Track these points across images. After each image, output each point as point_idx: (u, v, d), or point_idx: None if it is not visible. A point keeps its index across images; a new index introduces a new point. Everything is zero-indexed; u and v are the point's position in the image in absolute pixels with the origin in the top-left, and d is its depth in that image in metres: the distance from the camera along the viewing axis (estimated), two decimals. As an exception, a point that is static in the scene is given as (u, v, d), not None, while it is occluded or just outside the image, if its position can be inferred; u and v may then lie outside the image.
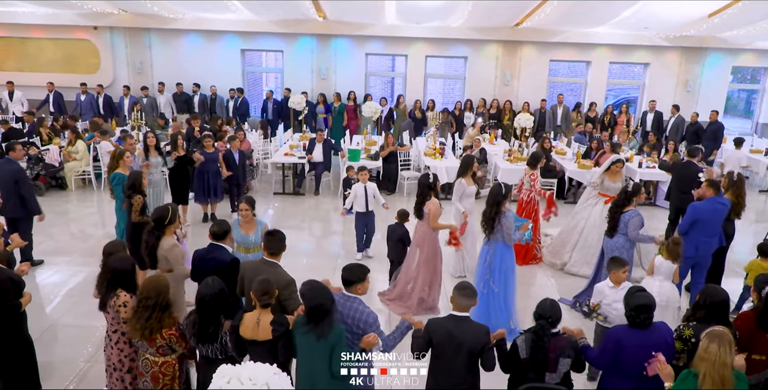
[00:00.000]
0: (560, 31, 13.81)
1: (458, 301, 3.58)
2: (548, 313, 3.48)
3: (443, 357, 3.52)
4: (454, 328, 3.50)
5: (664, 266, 5.05)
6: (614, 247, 5.85)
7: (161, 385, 3.72)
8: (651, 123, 13.27)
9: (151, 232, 4.64)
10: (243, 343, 3.49)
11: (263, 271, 3.89)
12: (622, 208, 5.86)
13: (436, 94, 15.63)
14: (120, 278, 3.81)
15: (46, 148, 10.23)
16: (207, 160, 8.32)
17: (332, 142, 10.89)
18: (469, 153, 10.50)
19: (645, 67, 14.98)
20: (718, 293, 3.74)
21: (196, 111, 13.64)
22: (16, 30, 14.19)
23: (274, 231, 4.23)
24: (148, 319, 3.53)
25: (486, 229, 5.60)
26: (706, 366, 2.96)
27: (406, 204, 9.00)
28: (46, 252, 7.42)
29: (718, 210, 5.93)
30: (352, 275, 3.63)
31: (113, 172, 6.53)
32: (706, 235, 5.86)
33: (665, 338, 3.55)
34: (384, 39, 14.27)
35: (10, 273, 4.07)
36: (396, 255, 6.41)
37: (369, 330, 3.48)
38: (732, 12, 10.87)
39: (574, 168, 10.20)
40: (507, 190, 5.55)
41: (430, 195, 6.02)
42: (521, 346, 3.50)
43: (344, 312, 3.55)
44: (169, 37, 14.32)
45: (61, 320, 5.67)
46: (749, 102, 18.06)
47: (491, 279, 5.62)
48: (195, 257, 4.51)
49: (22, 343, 4.21)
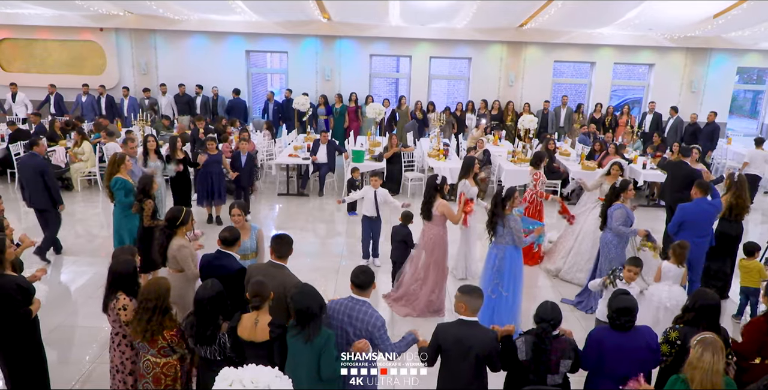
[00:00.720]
0: (565, 31, 13.79)
1: (468, 305, 3.55)
2: (549, 315, 3.49)
3: (451, 362, 3.53)
4: (462, 334, 3.49)
5: (672, 271, 5.10)
6: (604, 243, 6.01)
7: (163, 386, 3.75)
8: (650, 124, 13.29)
9: (163, 231, 4.68)
10: (241, 344, 3.52)
11: (271, 275, 3.90)
12: (610, 204, 6.04)
13: (440, 95, 15.65)
14: (120, 281, 3.82)
15: (52, 150, 10.29)
16: (210, 162, 8.31)
17: (336, 144, 10.92)
18: (473, 154, 10.53)
19: (650, 67, 14.93)
20: (708, 297, 3.73)
21: (198, 112, 13.69)
22: (23, 32, 14.29)
23: (282, 235, 4.23)
24: (148, 321, 3.56)
25: (489, 230, 5.60)
26: (700, 374, 2.97)
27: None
28: (52, 252, 7.49)
29: (705, 211, 5.99)
30: (363, 279, 3.58)
31: (114, 177, 6.39)
32: (696, 236, 5.90)
33: (648, 342, 3.57)
34: (388, 40, 14.29)
35: (18, 280, 4.00)
36: (398, 256, 6.43)
37: (376, 333, 3.47)
38: (737, 13, 10.84)
39: (578, 169, 10.19)
40: (509, 193, 5.54)
41: (437, 196, 6.03)
42: (521, 347, 3.52)
43: (352, 315, 3.53)
44: (175, 39, 14.39)
45: (67, 321, 5.71)
46: (755, 102, 17.98)
47: (501, 284, 5.55)
48: (202, 262, 4.51)
49: (34, 350, 4.17)
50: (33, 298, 4.04)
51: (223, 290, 3.64)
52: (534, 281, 7.09)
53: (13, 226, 5.98)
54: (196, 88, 14.04)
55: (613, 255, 5.92)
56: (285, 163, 10.64)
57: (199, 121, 10.83)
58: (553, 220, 9.72)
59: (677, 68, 14.50)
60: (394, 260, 6.50)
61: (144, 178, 5.98)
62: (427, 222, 6.13)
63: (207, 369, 3.66)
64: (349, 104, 13.89)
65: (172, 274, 4.57)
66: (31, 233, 7.49)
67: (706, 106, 14.54)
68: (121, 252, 4.24)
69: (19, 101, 13.54)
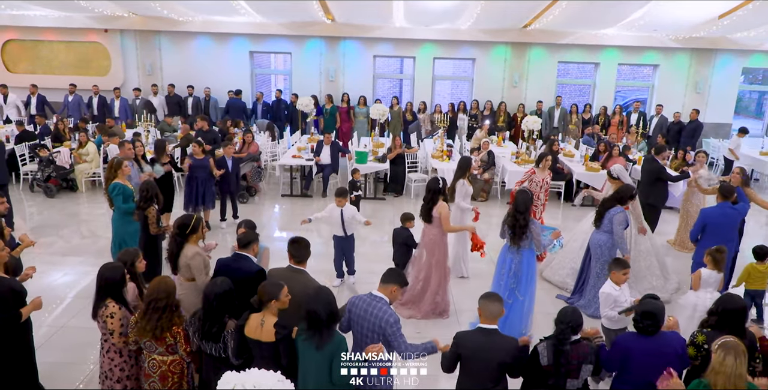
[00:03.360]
0: (569, 32, 13.76)
1: (483, 309, 3.51)
2: (568, 318, 3.46)
3: (471, 370, 3.49)
4: (483, 342, 3.45)
5: (712, 278, 5.02)
6: (597, 244, 5.92)
7: (170, 383, 3.76)
8: (654, 127, 13.32)
9: (174, 239, 4.52)
10: (246, 343, 3.52)
11: (291, 279, 3.85)
12: (609, 206, 5.94)
13: (444, 96, 15.62)
14: (109, 288, 3.79)
15: (56, 151, 10.34)
16: (196, 167, 7.99)
17: (340, 145, 10.92)
18: (475, 155, 10.52)
19: (654, 68, 14.89)
20: (733, 301, 3.69)
21: (189, 113, 13.67)
22: (29, 33, 14.36)
23: (299, 238, 4.18)
24: (158, 319, 3.57)
25: (513, 236, 5.39)
26: (722, 379, 2.94)
27: (413, 206, 9.04)
28: (56, 253, 7.53)
29: (727, 215, 5.87)
30: (394, 275, 3.69)
31: (112, 182, 6.17)
32: (719, 241, 5.67)
33: (675, 348, 3.52)
34: (392, 41, 14.29)
35: (10, 282, 3.95)
36: (400, 258, 6.41)
37: (389, 330, 3.47)
38: (742, 13, 10.79)
39: (582, 170, 10.17)
40: (530, 196, 5.45)
41: (438, 199, 6.03)
42: (542, 352, 3.48)
43: (368, 310, 3.55)
44: (179, 40, 14.43)
45: (70, 322, 5.73)
46: (760, 103, 17.93)
47: (518, 288, 5.46)
48: (219, 265, 4.38)
49: (24, 353, 4.10)
50: (24, 300, 3.99)
51: (232, 289, 3.65)
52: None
53: (19, 227, 6.03)
54: (188, 88, 14.02)
55: (606, 257, 5.81)
56: (288, 164, 10.66)
57: (201, 121, 10.81)
58: (558, 221, 9.72)
59: (682, 69, 14.46)
60: (397, 263, 6.49)
61: (147, 184, 5.81)
62: (427, 224, 6.12)
63: (211, 366, 3.68)
64: (341, 105, 13.85)
65: (183, 283, 4.47)
66: (36, 234, 7.56)
67: (711, 106, 14.52)
68: (126, 254, 4.25)
69: (11, 102, 13.48)
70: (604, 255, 5.90)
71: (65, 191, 10.33)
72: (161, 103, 14.02)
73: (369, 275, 6.56)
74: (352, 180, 9.30)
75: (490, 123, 13.05)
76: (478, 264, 7.11)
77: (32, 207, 9.60)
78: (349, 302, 3.69)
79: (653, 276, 6.65)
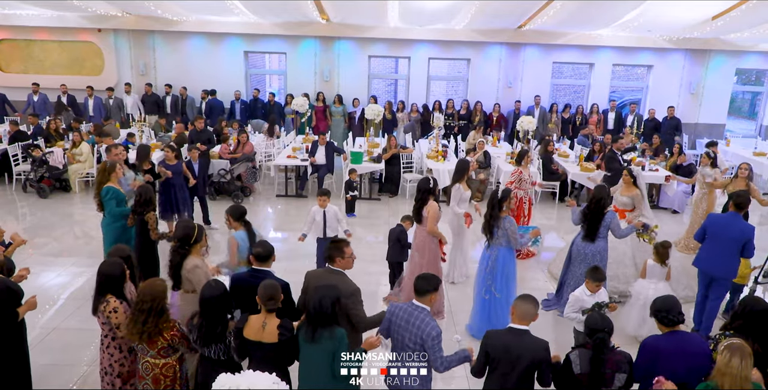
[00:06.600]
0: (564, 33, 13.79)
1: (516, 309, 3.46)
2: (601, 325, 3.39)
3: (499, 371, 3.43)
4: (512, 343, 3.39)
5: (656, 269, 5.57)
6: (595, 252, 5.76)
7: (162, 386, 3.75)
8: (613, 121, 13.64)
9: (176, 251, 4.32)
10: (246, 345, 3.52)
11: (329, 280, 3.76)
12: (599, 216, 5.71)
13: (439, 97, 15.62)
14: (109, 283, 3.79)
15: (50, 151, 10.27)
16: (172, 173, 7.63)
17: (335, 145, 10.91)
18: (472, 156, 10.52)
19: (648, 69, 14.95)
20: (758, 303, 3.65)
21: (168, 112, 13.59)
22: (22, 32, 14.24)
23: (340, 240, 4.10)
24: (144, 323, 3.55)
25: (486, 233, 5.60)
26: (729, 380, 2.94)
27: (408, 206, 9.00)
28: (49, 254, 7.49)
29: (730, 226, 5.35)
30: (426, 284, 3.54)
31: (105, 186, 5.93)
32: (716, 249, 5.34)
33: (703, 348, 3.49)
34: (387, 41, 14.28)
35: (6, 281, 3.94)
36: (393, 256, 6.36)
37: (429, 342, 3.42)
38: (736, 14, 10.84)
39: (577, 170, 10.19)
40: (504, 194, 5.54)
41: (429, 199, 6.02)
42: (575, 361, 3.40)
43: (410, 320, 3.50)
44: (173, 40, 14.36)
45: (64, 323, 5.70)
46: (754, 103, 18.03)
47: (493, 285, 5.60)
48: (234, 282, 4.12)
49: (18, 353, 4.08)
50: (20, 300, 3.98)
51: (227, 290, 3.66)
52: (528, 282, 7.03)
53: (11, 227, 5.99)
54: (166, 87, 13.92)
55: (604, 263, 5.80)
56: (283, 165, 10.63)
57: (198, 121, 10.78)
58: (552, 221, 9.74)
59: (676, 69, 14.52)
60: (390, 261, 6.46)
61: (143, 189, 5.65)
62: (418, 225, 6.11)
63: (209, 369, 3.65)
64: (316, 103, 13.78)
65: (184, 296, 4.36)
66: (29, 235, 7.50)
67: (705, 107, 14.60)
68: (116, 251, 4.22)
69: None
70: (604, 260, 5.83)
71: (58, 192, 10.26)
72: (135, 102, 13.83)
73: (365, 276, 6.52)
74: (348, 180, 9.29)
75: (464, 122, 13.04)
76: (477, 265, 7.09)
77: (25, 207, 9.53)
78: (389, 311, 3.65)
79: (624, 265, 6.62)
